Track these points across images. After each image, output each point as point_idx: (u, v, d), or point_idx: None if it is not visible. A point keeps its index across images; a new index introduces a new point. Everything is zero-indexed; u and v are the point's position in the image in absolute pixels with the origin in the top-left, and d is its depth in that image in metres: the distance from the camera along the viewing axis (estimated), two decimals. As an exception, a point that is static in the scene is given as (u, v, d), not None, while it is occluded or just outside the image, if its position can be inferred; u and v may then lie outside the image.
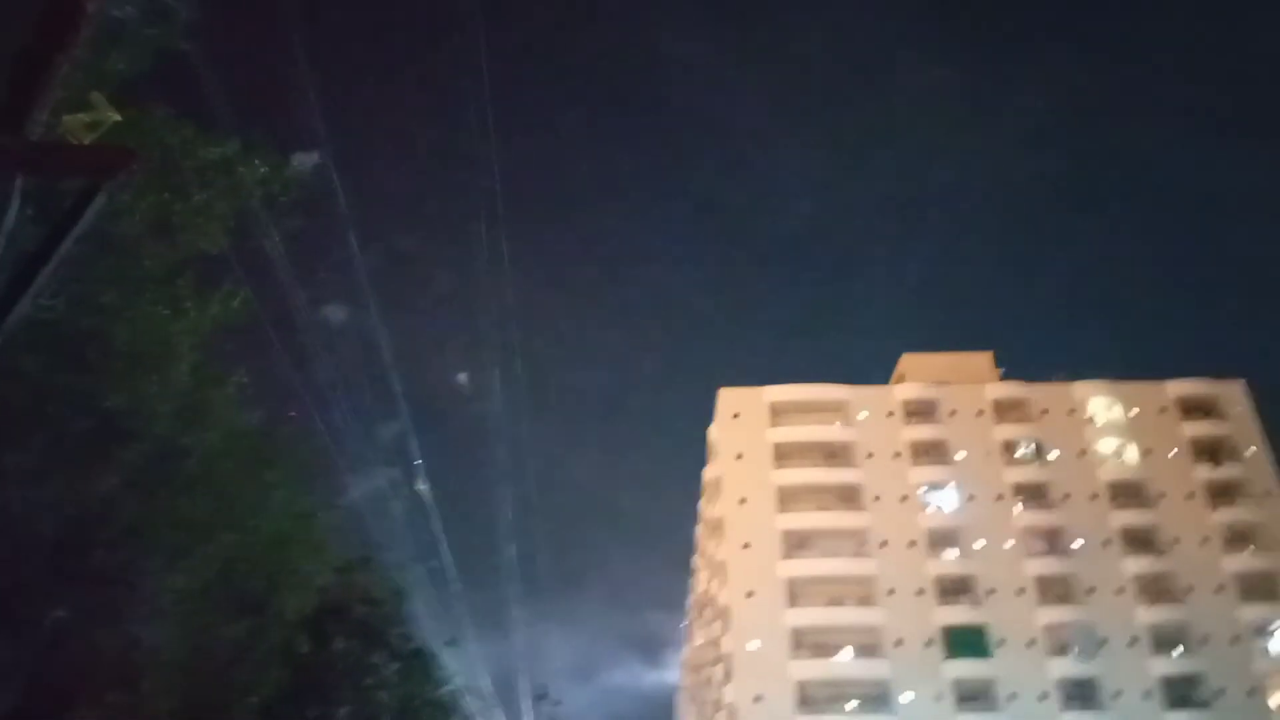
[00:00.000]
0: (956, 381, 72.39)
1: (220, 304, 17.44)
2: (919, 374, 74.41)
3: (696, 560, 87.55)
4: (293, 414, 24.40)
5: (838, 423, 70.77)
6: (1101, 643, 61.93)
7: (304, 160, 16.69)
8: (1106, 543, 65.68)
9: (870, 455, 69.05)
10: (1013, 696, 60.12)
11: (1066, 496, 67.47)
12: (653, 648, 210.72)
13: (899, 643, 62.09)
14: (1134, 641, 62.12)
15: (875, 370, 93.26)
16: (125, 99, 12.33)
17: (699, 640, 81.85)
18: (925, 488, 68.38)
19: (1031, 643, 62.07)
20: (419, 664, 29.02)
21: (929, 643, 62.02)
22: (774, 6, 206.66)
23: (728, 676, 64.10)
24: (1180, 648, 62.10)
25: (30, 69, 4.09)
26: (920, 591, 63.85)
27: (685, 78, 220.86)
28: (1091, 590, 63.82)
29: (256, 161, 15.98)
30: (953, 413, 70.69)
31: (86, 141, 4.12)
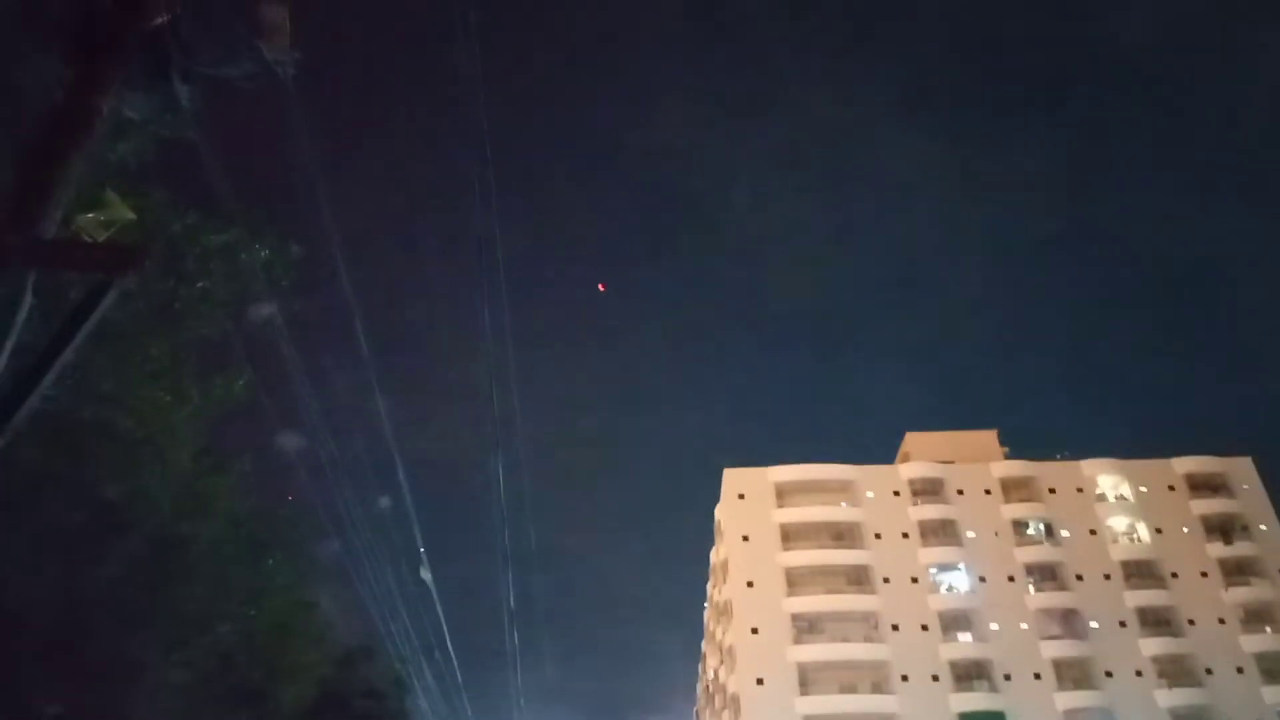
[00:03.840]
0: (961, 460, 71.89)
1: (223, 386, 17.41)
2: (924, 453, 73.94)
3: (705, 645, 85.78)
4: (290, 496, 24.17)
5: (844, 502, 70.04)
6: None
7: (305, 245, 16.76)
8: (1123, 624, 64.38)
9: (878, 535, 68.12)
10: (1033, 786, 58.23)
11: (1079, 577, 66.33)
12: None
13: (914, 730, 60.38)
14: (1155, 727, 60.38)
15: (878, 449, 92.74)
16: (128, 186, 12.51)
17: (708, 729, 79.64)
18: (935, 568, 67.32)
19: (1050, 729, 60.33)
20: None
21: (945, 730, 60.30)
22: (772, 84, 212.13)
23: (738, 768, 62.21)
24: (1203, 733, 60.37)
25: (43, 166, 4.16)
26: (935, 677, 62.29)
27: (684, 156, 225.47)
28: (1109, 673, 62.31)
29: (258, 246, 16.06)
30: (960, 492, 70.00)
31: (101, 239, 4.17)
